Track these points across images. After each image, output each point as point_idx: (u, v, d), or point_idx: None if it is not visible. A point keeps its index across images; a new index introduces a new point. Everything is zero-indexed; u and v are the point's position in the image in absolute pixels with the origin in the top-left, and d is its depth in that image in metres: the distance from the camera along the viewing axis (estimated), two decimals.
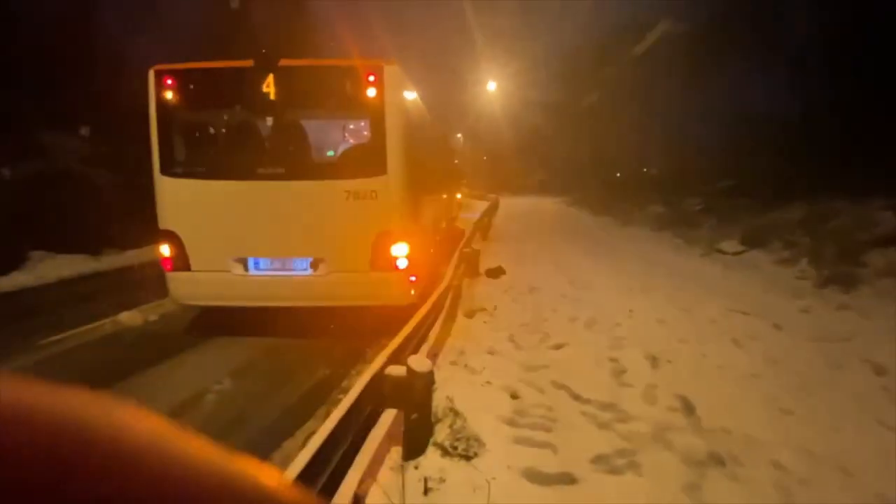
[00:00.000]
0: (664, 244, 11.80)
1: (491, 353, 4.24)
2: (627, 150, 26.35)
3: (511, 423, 3.03)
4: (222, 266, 4.62)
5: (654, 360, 4.11)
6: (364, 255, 4.58)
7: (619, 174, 29.03)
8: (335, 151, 6.11)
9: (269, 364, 4.35)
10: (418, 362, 2.60)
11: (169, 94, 4.47)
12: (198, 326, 5.22)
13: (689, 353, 4.31)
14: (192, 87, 4.55)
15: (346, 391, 2.81)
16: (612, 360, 4.12)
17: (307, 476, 1.71)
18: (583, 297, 6.30)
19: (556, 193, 34.00)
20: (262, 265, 4.69)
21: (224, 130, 5.10)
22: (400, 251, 4.63)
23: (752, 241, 9.41)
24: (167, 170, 4.57)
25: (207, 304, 4.96)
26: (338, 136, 6.52)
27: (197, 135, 4.83)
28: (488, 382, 3.56)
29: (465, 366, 3.89)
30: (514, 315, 5.43)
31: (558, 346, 4.47)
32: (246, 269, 4.66)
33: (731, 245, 9.77)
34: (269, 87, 4.43)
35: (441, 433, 2.76)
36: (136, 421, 0.22)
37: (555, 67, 34.48)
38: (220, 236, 4.62)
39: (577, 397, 3.42)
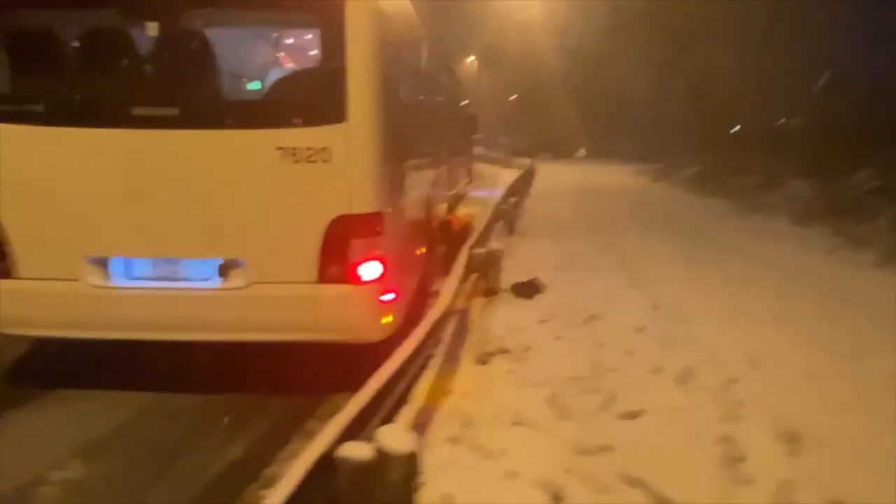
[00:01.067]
0: (813, 246, 11.80)
1: (518, 423, 4.25)
2: (751, 87, 26.35)
3: None
4: (69, 271, 4.64)
5: (792, 441, 4.11)
6: (308, 257, 4.60)
7: (737, 127, 29.08)
8: (263, 82, 6.14)
9: (147, 436, 4.35)
10: (394, 437, 2.60)
11: None
12: (29, 371, 5.21)
13: (853, 431, 4.31)
14: None
15: (271, 484, 2.79)
16: (723, 438, 4.13)
17: None
18: (675, 333, 6.30)
19: (633, 159, 34.18)
20: (136, 270, 4.72)
21: (77, 45, 5.11)
22: (368, 251, 4.66)
23: None
24: None
25: (44, 334, 4.99)
26: (267, 58, 6.56)
27: (29, 52, 4.82)
28: (513, 473, 3.57)
29: (474, 445, 3.90)
30: (557, 361, 5.44)
31: (633, 415, 4.48)
32: (108, 276, 4.69)
33: None
34: None
35: None
36: None
37: None
38: (67, 222, 4.65)
39: (661, 501, 3.43)
